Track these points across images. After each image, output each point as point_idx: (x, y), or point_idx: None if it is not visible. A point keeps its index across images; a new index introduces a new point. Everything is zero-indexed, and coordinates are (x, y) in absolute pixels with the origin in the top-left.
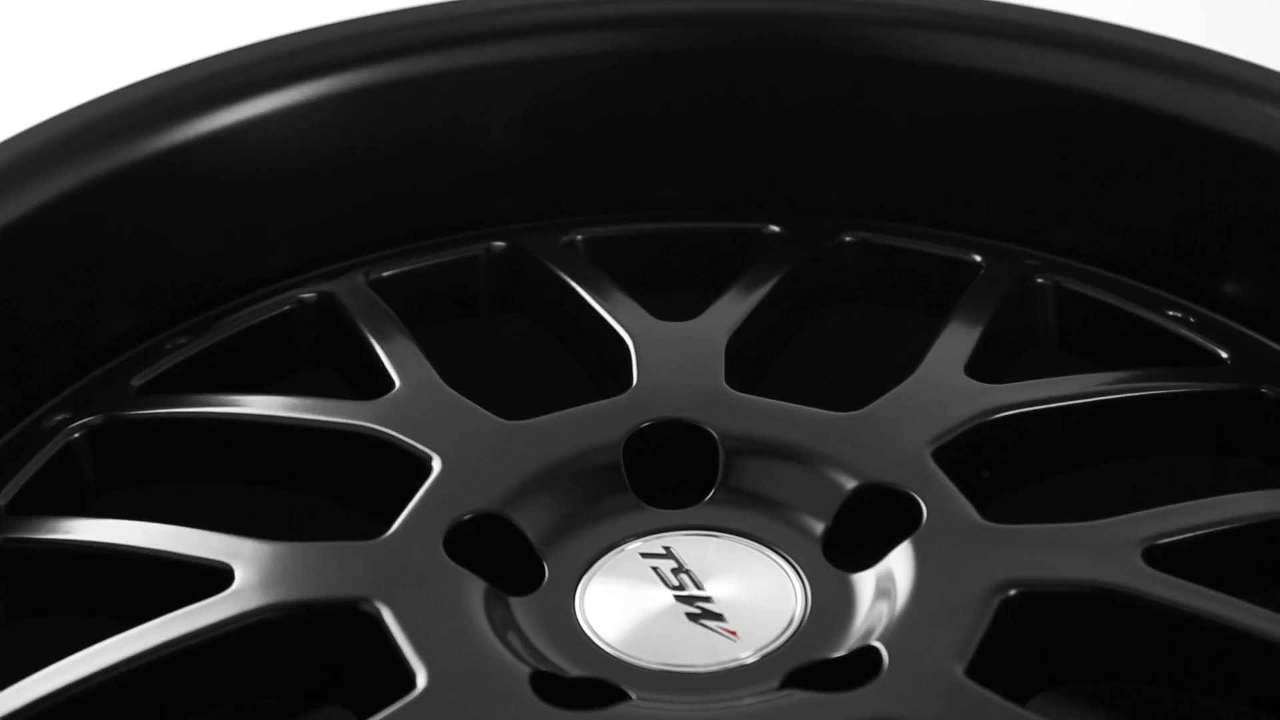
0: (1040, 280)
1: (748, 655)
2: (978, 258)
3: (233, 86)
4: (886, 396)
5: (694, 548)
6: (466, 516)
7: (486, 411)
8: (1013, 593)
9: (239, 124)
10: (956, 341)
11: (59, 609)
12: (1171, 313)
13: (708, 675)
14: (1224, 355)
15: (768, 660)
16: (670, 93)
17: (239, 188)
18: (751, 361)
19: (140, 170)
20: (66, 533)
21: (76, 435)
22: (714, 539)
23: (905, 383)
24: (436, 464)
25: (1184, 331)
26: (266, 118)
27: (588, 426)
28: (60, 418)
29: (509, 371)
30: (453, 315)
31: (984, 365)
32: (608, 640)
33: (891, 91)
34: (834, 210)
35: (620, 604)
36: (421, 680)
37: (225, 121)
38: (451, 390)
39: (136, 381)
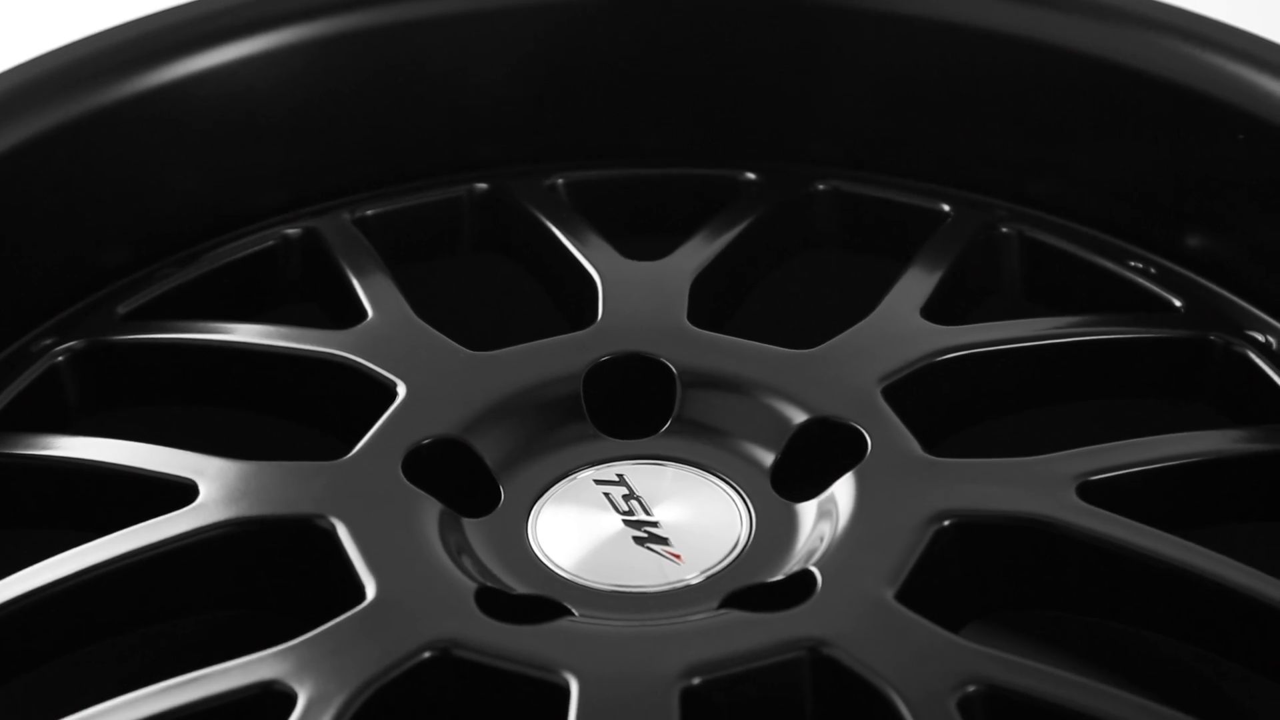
0: (1005, 230)
1: (691, 577)
2: (946, 207)
3: (224, 27)
4: (841, 336)
5: (646, 476)
6: (426, 441)
7: (453, 342)
8: (947, 523)
9: (230, 64)
10: (915, 285)
11: (31, 521)
12: (1133, 263)
13: (648, 595)
14: (1178, 304)
15: (708, 582)
16: (654, 43)
17: (230, 127)
18: (717, 301)
19: (133, 107)
20: (40, 448)
21: (60, 358)
22: (666, 468)
23: (861, 323)
24: (401, 390)
25: (1142, 281)
26: (258, 58)
27: (550, 358)
28: (47, 342)
29: (486, 308)
30: (435, 253)
31: (942, 309)
32: (556, 561)
33: (870, 45)
34: (813, 160)
35: (571, 527)
36: (371, 592)
37: (217, 61)
38: (421, 322)
39: (122, 309)
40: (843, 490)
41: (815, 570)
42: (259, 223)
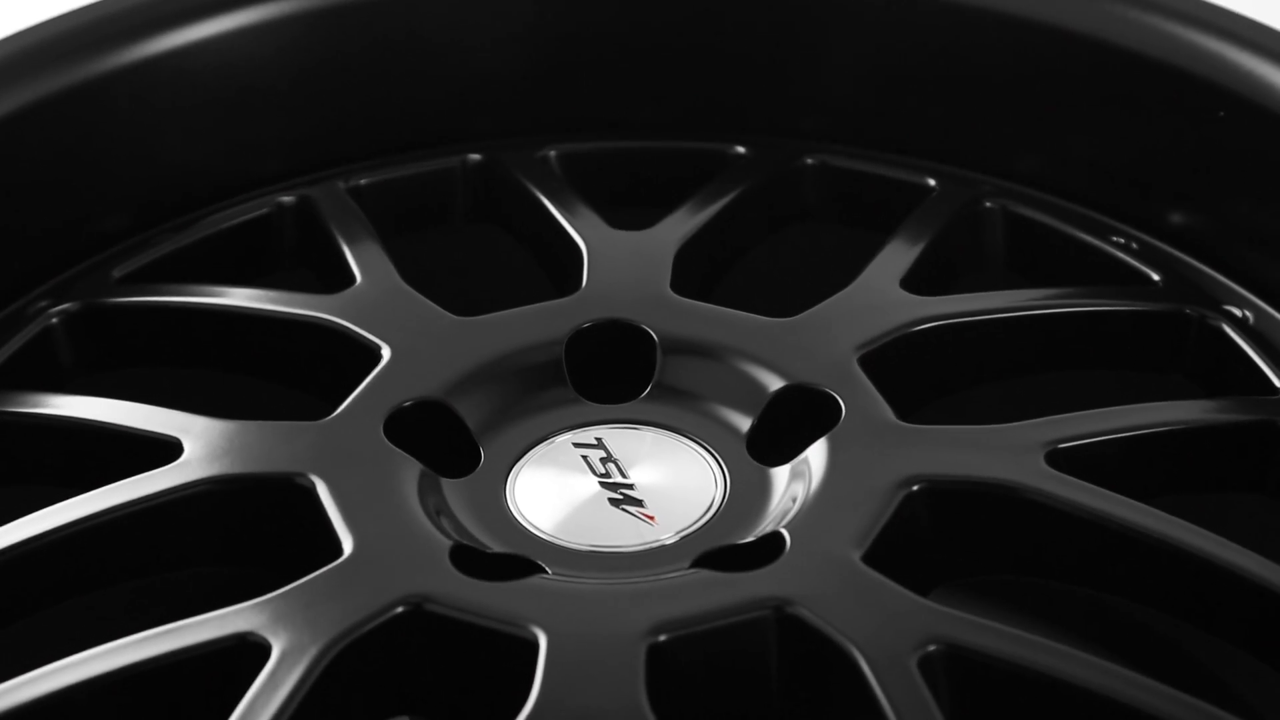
0: (989, 204)
1: (665, 539)
2: (932, 182)
3: None
4: (821, 305)
5: (624, 440)
6: (408, 403)
7: (438, 307)
8: (916, 487)
9: (229, 34)
10: (895, 257)
11: (19, 478)
12: (1115, 239)
13: (621, 555)
14: (1156, 278)
15: (680, 543)
16: (649, 17)
17: (229, 96)
18: (701, 271)
19: (132, 74)
20: (29, 406)
21: (54, 320)
22: (644, 432)
23: (841, 293)
24: (386, 353)
25: (1123, 256)
26: (256, 28)
27: (534, 324)
28: (43, 304)
29: (477, 276)
30: (429, 223)
31: (923, 280)
32: (532, 521)
33: (863, 22)
34: (805, 135)
35: (548, 489)
36: (348, 548)
37: (216, 30)
38: (407, 287)
39: (118, 273)
40: (815, 455)
41: (784, 532)
42: (256, 191)
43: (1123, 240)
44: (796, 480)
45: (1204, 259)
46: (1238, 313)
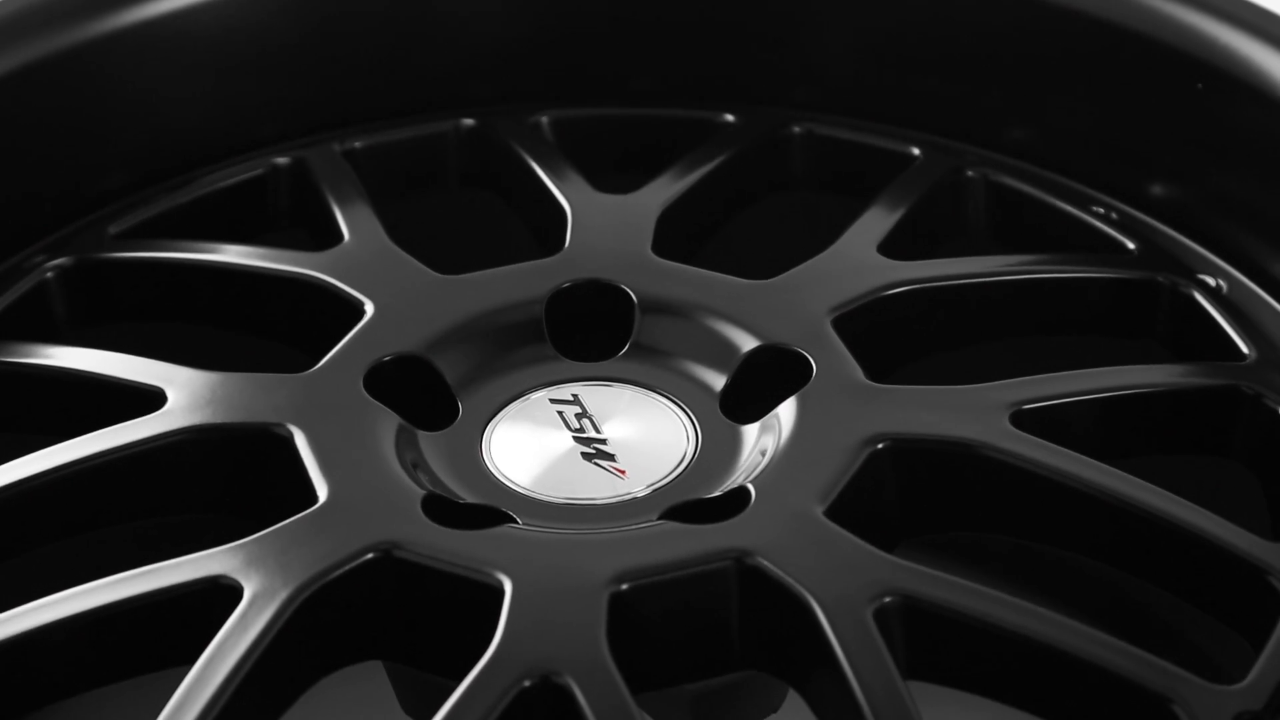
0: (971, 173)
1: (635, 492)
2: (916, 151)
3: None
4: (797, 268)
5: (600, 397)
6: (388, 357)
7: (422, 265)
8: (881, 445)
9: None
10: (874, 223)
11: (10, 427)
12: (1095, 209)
13: (590, 506)
14: (1131, 246)
15: (649, 497)
16: None
17: (229, 58)
18: (684, 235)
19: (133, 35)
20: (18, 356)
21: (49, 274)
22: (620, 389)
23: (818, 256)
24: (369, 309)
25: (1101, 225)
26: None
27: (516, 282)
28: (39, 259)
29: (468, 239)
30: (423, 186)
31: (901, 246)
32: (506, 474)
33: None
34: (797, 105)
35: (524, 443)
36: (322, 496)
37: None
38: (394, 246)
39: (113, 230)
40: (785, 413)
41: (750, 486)
42: (254, 153)
43: (1103, 210)
44: (766, 437)
45: (1183, 229)
46: (1211, 281)
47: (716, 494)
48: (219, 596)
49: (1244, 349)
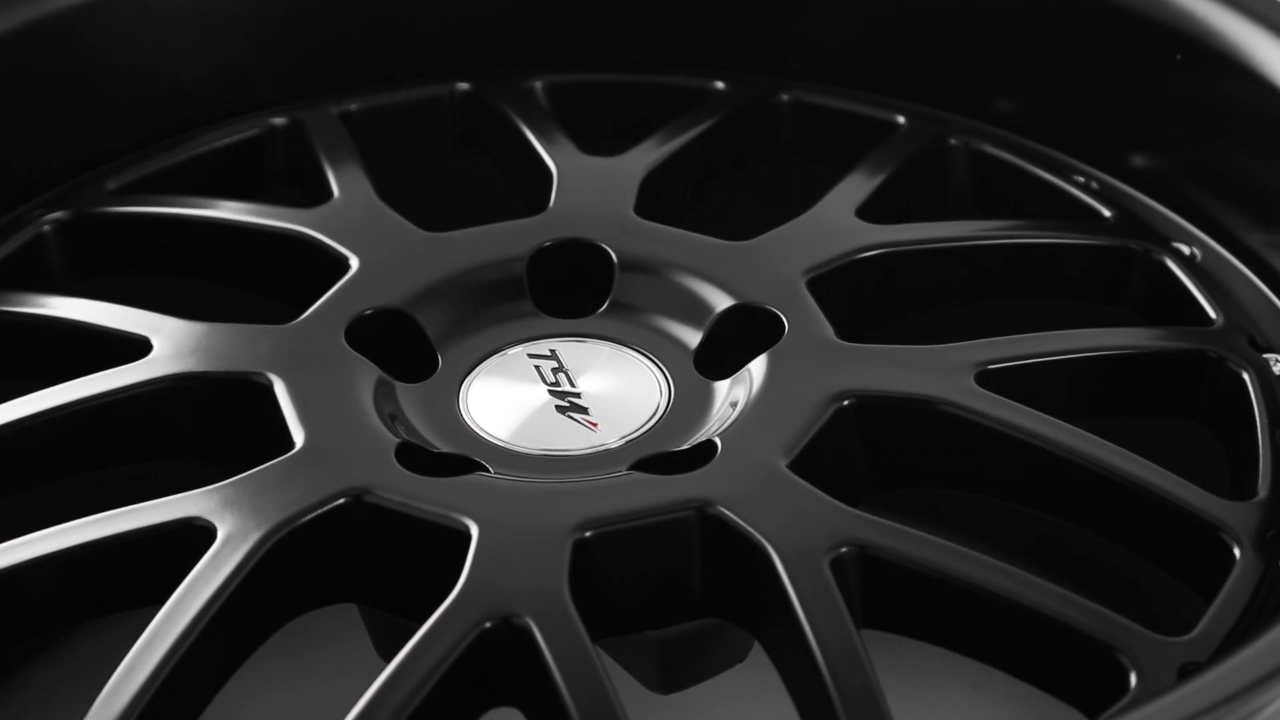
0: (953, 141)
1: (608, 444)
2: (901, 119)
3: None
4: (776, 230)
5: (577, 352)
6: (369, 311)
7: (408, 223)
8: (847, 402)
9: None
10: (854, 187)
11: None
12: (1076, 178)
13: (561, 457)
14: (1107, 214)
15: (619, 449)
16: None
17: (228, 19)
18: (668, 197)
19: None
20: (11, 305)
21: (46, 228)
22: (597, 345)
23: (796, 219)
24: (354, 263)
25: (1079, 194)
26: None
27: (499, 240)
28: (37, 213)
29: (461, 200)
30: (417, 149)
31: (880, 211)
32: (480, 425)
33: None
34: (790, 74)
35: (499, 395)
36: (299, 443)
37: None
38: (381, 203)
39: (111, 185)
40: (755, 369)
41: (718, 440)
42: (253, 113)
43: (1083, 179)
44: (736, 392)
45: (1161, 199)
46: (1185, 249)
47: (684, 446)
48: (193, 537)
49: (1212, 314)
